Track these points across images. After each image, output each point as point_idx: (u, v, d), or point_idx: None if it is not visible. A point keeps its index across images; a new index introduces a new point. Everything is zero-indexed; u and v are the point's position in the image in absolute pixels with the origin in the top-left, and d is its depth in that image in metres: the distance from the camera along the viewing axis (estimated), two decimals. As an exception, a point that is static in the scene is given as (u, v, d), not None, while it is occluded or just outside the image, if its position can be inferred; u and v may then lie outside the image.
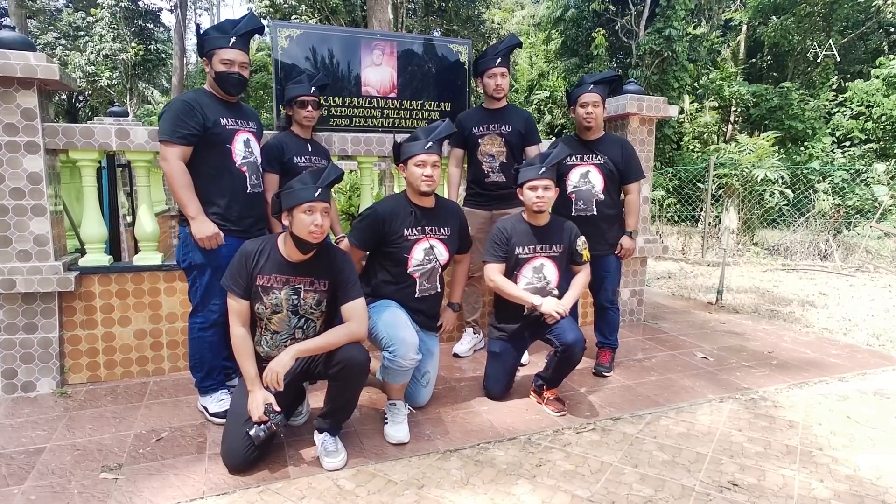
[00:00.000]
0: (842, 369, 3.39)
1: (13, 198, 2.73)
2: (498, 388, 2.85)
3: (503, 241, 2.75)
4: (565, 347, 2.60)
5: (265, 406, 2.09)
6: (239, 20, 2.57)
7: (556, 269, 2.79)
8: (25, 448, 2.31)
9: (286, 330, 2.23)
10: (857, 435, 2.54)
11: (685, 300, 5.47)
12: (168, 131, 2.36)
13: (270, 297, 2.17)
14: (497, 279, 2.74)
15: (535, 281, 2.76)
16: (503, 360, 2.84)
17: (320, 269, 2.21)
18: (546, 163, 2.67)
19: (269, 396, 2.12)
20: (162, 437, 2.42)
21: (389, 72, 3.63)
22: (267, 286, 2.17)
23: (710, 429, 2.58)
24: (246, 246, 2.21)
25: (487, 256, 2.79)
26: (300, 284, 2.19)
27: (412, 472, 2.16)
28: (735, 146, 10.08)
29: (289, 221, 2.11)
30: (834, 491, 2.08)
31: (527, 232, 2.76)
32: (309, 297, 2.21)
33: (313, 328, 2.27)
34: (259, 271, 2.16)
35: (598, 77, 3.11)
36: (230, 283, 2.18)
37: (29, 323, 2.83)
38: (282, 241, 2.20)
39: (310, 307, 2.23)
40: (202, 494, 1.99)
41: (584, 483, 2.11)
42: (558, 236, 2.80)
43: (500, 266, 2.76)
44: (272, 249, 2.19)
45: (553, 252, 2.79)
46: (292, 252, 2.16)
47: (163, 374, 3.14)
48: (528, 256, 2.75)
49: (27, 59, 2.62)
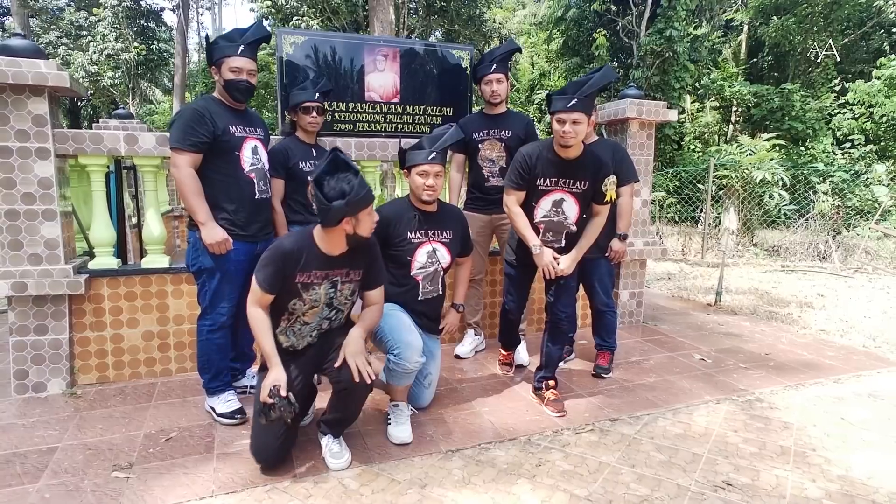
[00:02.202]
0: (837, 371, 3.44)
1: (24, 202, 2.79)
2: (512, 304, 3.01)
3: (525, 168, 2.63)
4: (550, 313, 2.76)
5: (270, 389, 2.07)
6: (246, 29, 2.63)
7: (577, 206, 2.68)
8: (38, 447, 2.37)
9: (316, 321, 2.25)
10: (851, 436, 2.60)
11: (684, 301, 5.52)
12: (179, 139, 2.42)
13: (310, 293, 2.18)
14: (512, 209, 2.71)
15: (553, 215, 2.70)
16: (514, 279, 2.98)
17: (356, 259, 2.23)
18: (579, 94, 2.48)
19: (281, 378, 2.10)
20: (171, 437, 2.48)
21: (392, 77, 3.68)
22: (307, 283, 2.16)
23: (706, 430, 2.64)
24: (284, 246, 2.14)
25: (507, 182, 2.72)
26: (337, 277, 2.21)
27: (415, 472, 2.22)
28: (735, 147, 10.11)
29: (351, 225, 2.08)
30: (825, 491, 2.13)
31: (552, 162, 2.62)
32: (345, 288, 2.25)
33: (339, 318, 2.31)
34: (299, 269, 2.13)
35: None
36: (263, 282, 2.12)
37: (40, 325, 2.89)
38: (320, 239, 2.16)
39: (345, 298, 2.27)
40: (212, 493, 2.05)
41: (582, 482, 2.16)
42: (586, 173, 2.63)
43: (518, 194, 2.70)
44: (310, 248, 2.16)
45: (576, 189, 2.65)
46: (334, 248, 2.16)
47: (170, 374, 3.20)
48: (548, 189, 2.66)
49: (38, 66, 2.68)
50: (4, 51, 2.67)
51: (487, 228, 3.45)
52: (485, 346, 3.77)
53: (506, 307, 3.04)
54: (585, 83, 2.52)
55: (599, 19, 14.39)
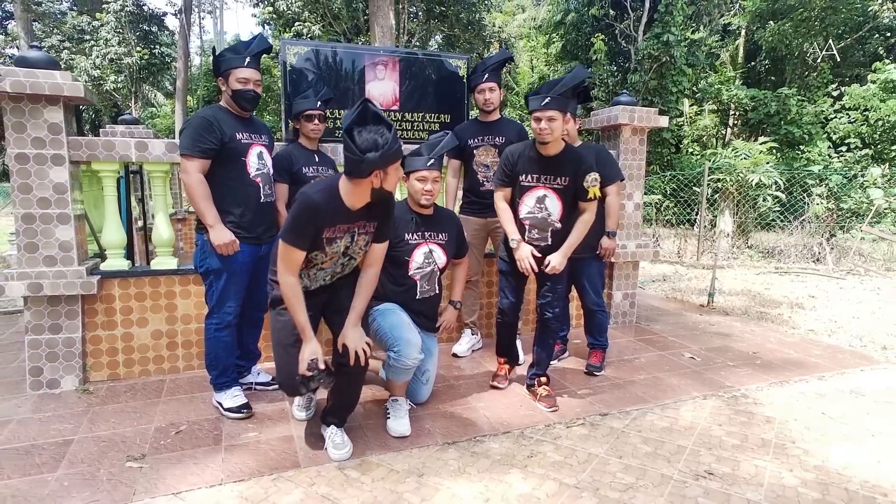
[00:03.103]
0: (822, 369, 3.56)
1: (40, 207, 2.92)
2: (507, 302, 3.02)
3: (508, 165, 2.81)
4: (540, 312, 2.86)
5: (308, 362, 2.16)
6: (251, 41, 2.77)
7: (560, 203, 2.78)
8: (55, 440, 2.50)
9: (331, 268, 2.33)
10: (830, 430, 2.72)
11: (678, 302, 5.64)
12: (188, 146, 2.55)
13: (333, 246, 2.24)
14: (498, 204, 2.88)
15: (537, 211, 2.81)
16: (508, 276, 3.00)
17: (374, 212, 2.27)
18: (552, 93, 2.61)
19: (317, 351, 2.19)
20: (181, 430, 2.60)
21: (392, 85, 3.82)
22: (332, 237, 2.21)
23: (692, 424, 2.76)
24: (315, 199, 2.11)
25: (494, 180, 2.92)
26: (356, 229, 2.27)
27: (413, 462, 2.34)
28: (731, 150, 10.24)
29: (379, 178, 2.09)
30: (802, 479, 2.25)
31: (533, 160, 2.76)
32: (361, 239, 2.31)
33: (352, 265, 2.39)
34: (326, 224, 2.16)
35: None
36: (295, 238, 2.10)
37: (54, 324, 3.02)
38: (346, 192, 2.15)
39: (359, 248, 2.34)
40: (220, 481, 2.17)
41: (571, 472, 2.28)
42: (566, 169, 2.74)
43: (504, 191, 2.87)
44: (337, 201, 2.16)
45: (557, 185, 2.76)
46: (357, 202, 2.17)
47: (178, 372, 3.33)
48: (530, 185, 2.79)
49: (54, 77, 2.81)
50: (22, 62, 2.80)
51: (482, 231, 3.58)
52: (481, 345, 3.89)
53: (500, 307, 3.12)
54: (558, 83, 2.66)
55: (598, 24, 14.57)
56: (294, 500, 2.05)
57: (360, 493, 2.10)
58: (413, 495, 2.09)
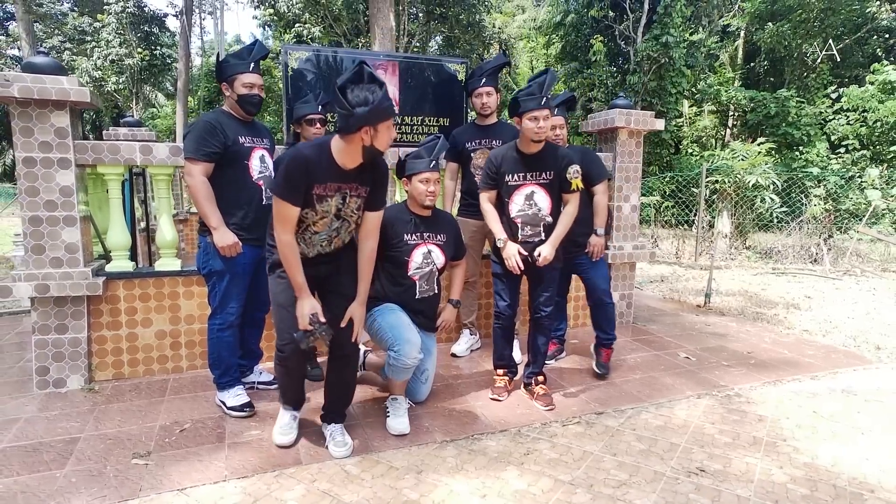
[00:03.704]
0: (815, 368, 3.62)
1: (47, 209, 2.97)
2: (504, 304, 3.04)
3: (493, 168, 2.89)
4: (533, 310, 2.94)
5: (310, 316, 2.22)
6: (251, 47, 2.84)
7: (548, 197, 2.86)
8: (62, 438, 2.55)
9: (325, 231, 2.32)
10: (821, 428, 2.77)
11: (675, 303, 5.70)
12: (193, 149, 2.61)
13: (323, 204, 2.24)
14: (484, 206, 2.95)
15: (527, 208, 2.87)
16: (503, 277, 3.02)
17: (366, 175, 2.30)
18: (545, 93, 2.72)
19: (316, 306, 2.25)
20: (185, 428, 2.66)
21: (391, 90, 3.87)
22: (322, 195, 2.22)
23: (685, 422, 2.81)
24: (304, 153, 2.15)
25: (480, 184, 2.98)
26: (347, 190, 2.28)
27: (412, 460, 2.40)
28: (729, 152, 10.30)
29: (369, 136, 2.11)
30: (791, 476, 2.31)
31: (516, 159, 2.86)
32: (353, 201, 2.32)
33: (347, 229, 2.38)
34: (317, 180, 2.17)
35: (558, 99, 3.26)
36: (284, 192, 2.13)
37: (60, 324, 3.08)
38: (337, 150, 2.19)
39: (352, 211, 2.34)
40: (224, 478, 2.23)
41: (566, 469, 2.34)
42: (548, 164, 2.84)
43: (489, 193, 2.95)
44: (328, 158, 2.19)
45: (543, 179, 2.85)
46: (349, 161, 2.20)
47: (181, 371, 3.39)
48: (517, 184, 2.87)
49: (61, 82, 2.87)
50: (29, 68, 2.86)
51: (480, 233, 3.64)
52: (480, 345, 3.95)
53: (497, 310, 3.09)
54: (544, 84, 2.75)
55: (597, 25, 14.61)
56: (296, 495, 2.11)
57: (360, 489, 2.16)
58: (412, 491, 2.15)
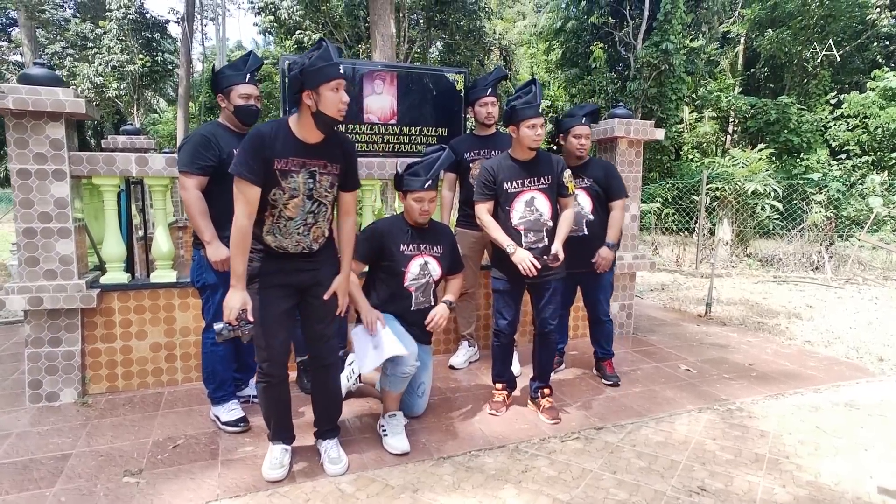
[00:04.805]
0: (817, 381, 3.58)
1: (41, 221, 2.95)
2: (504, 322, 2.98)
3: (489, 179, 2.86)
4: (539, 325, 2.91)
5: (239, 312, 2.14)
6: (246, 58, 2.82)
7: (548, 201, 2.87)
8: (53, 454, 2.52)
9: (300, 216, 2.24)
10: (824, 444, 2.73)
11: (676, 312, 5.66)
12: (187, 163, 2.59)
13: (289, 181, 2.17)
14: (483, 218, 2.91)
15: (528, 214, 2.86)
16: (504, 294, 2.97)
17: (333, 153, 2.26)
18: (538, 101, 2.78)
19: (248, 302, 2.18)
20: (178, 444, 2.62)
21: (390, 100, 3.85)
22: (285, 170, 2.16)
23: (686, 438, 2.77)
24: (259, 129, 2.14)
25: (476, 196, 2.94)
26: (315, 167, 2.21)
27: (408, 478, 2.36)
28: (729, 159, 10.28)
29: (312, 101, 2.08)
30: (794, 496, 2.26)
31: (513, 167, 2.86)
32: (324, 179, 2.25)
33: (324, 213, 2.31)
34: (276, 155, 2.13)
35: (588, 109, 3.34)
36: (243, 170, 2.09)
37: (54, 337, 3.04)
38: (294, 124, 2.17)
39: (325, 190, 2.27)
40: (217, 497, 2.19)
41: (565, 488, 2.30)
42: (545, 168, 2.87)
43: (487, 205, 2.91)
44: (286, 132, 2.16)
45: (542, 184, 2.86)
46: (308, 133, 2.17)
47: (176, 384, 3.35)
48: (517, 191, 2.85)
49: (56, 94, 2.85)
50: (25, 79, 2.84)
51: (478, 244, 3.61)
52: (478, 357, 3.91)
53: (497, 328, 3.01)
54: (538, 94, 2.81)
55: (597, 31, 14.63)
56: (289, 516, 2.07)
57: (354, 509, 2.12)
58: (407, 511, 2.11)
